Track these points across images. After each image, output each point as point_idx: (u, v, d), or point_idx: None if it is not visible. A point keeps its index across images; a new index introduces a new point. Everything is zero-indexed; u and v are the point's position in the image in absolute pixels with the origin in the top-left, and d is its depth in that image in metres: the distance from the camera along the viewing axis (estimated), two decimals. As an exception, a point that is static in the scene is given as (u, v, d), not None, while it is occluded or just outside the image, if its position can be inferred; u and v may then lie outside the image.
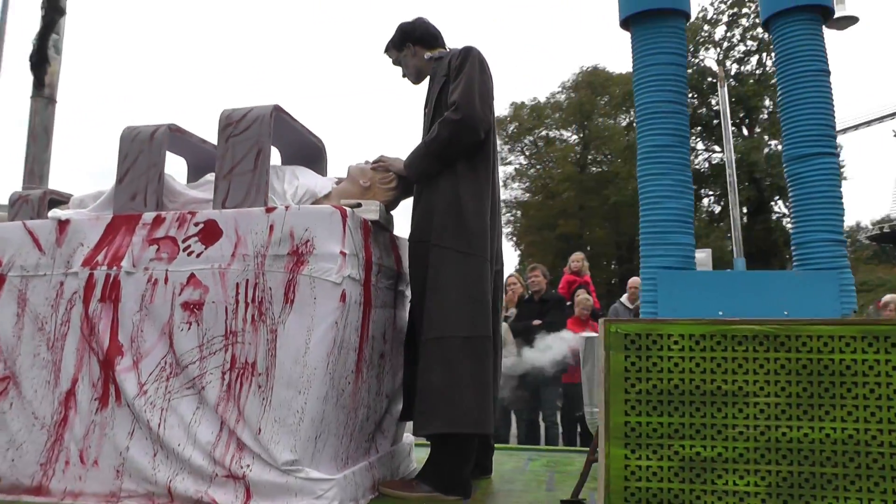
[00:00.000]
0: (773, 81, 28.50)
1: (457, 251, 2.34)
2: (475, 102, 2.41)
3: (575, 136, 29.22)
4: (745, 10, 28.50)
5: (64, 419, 2.26)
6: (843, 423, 1.35)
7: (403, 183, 2.59)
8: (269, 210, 2.21)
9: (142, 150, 2.46)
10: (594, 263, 28.99)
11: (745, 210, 27.65)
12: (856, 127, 28.04)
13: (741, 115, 28.29)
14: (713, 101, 28.49)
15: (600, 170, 28.50)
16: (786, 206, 27.42)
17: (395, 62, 2.86)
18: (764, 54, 28.60)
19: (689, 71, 28.99)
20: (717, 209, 29.18)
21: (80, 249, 2.35)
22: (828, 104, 1.65)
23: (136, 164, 2.45)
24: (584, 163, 28.59)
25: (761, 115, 28.37)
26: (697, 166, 28.82)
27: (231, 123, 2.37)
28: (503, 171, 29.15)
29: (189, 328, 2.19)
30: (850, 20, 12.86)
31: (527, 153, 29.59)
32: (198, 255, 2.23)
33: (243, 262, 2.18)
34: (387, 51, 2.87)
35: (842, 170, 27.69)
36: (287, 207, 2.21)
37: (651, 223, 1.66)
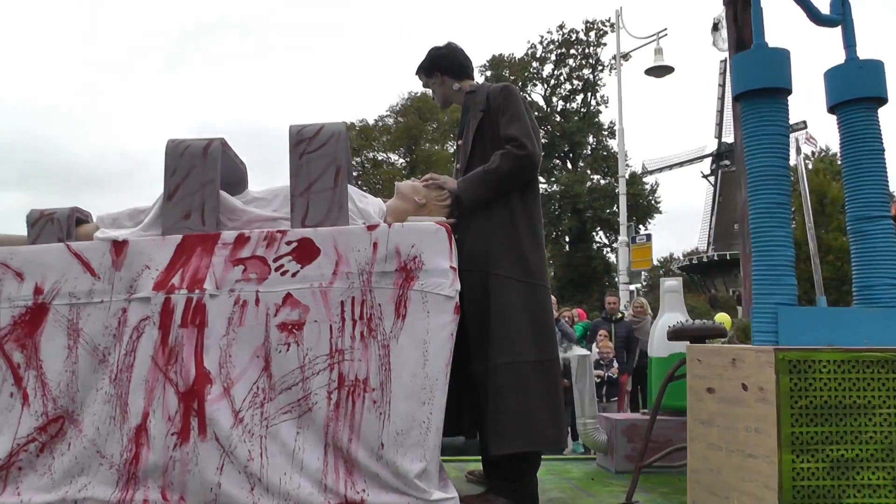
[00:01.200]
0: (597, 119, 31.75)
1: (517, 280, 2.54)
2: (534, 140, 2.66)
3: (402, 160, 30.12)
4: (572, 52, 31.51)
5: (136, 457, 2.09)
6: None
7: (454, 202, 2.74)
8: (371, 228, 2.25)
9: (194, 165, 2.35)
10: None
11: (567, 239, 30.36)
12: (671, 167, 32.10)
13: (566, 149, 31.14)
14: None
15: (427, 194, 29.73)
16: (606, 237, 30.54)
17: (425, 86, 3.03)
18: (589, 94, 31.82)
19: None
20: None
21: (146, 273, 2.20)
22: (884, 177, 2.16)
23: (188, 180, 2.34)
24: (412, 186, 29.72)
25: (585, 151, 31.40)
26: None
27: (304, 140, 2.36)
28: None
29: (288, 349, 2.15)
30: (667, 69, 14.82)
31: (353, 174, 30.02)
32: (293, 275, 2.20)
33: (347, 280, 2.19)
34: (417, 73, 3.02)
35: (658, 205, 31.63)
36: (390, 225, 2.27)
37: (768, 267, 2.04)
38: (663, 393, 2.80)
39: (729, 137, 31.51)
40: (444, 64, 2.93)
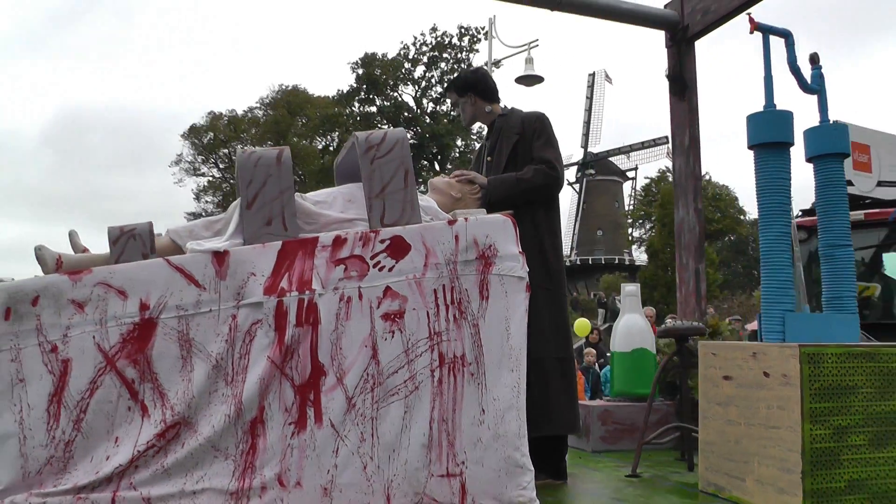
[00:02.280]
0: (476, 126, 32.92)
1: (540, 287, 2.99)
2: (562, 166, 3.14)
3: (271, 154, 29.51)
4: (445, 55, 32.37)
5: (252, 448, 2.27)
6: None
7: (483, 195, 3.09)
8: (451, 223, 2.55)
9: (269, 174, 2.49)
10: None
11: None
12: None
13: (434, 151, 31.94)
14: (408, 135, 31.76)
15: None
16: None
17: (453, 104, 3.40)
18: (461, 98, 32.86)
19: (388, 104, 31.78)
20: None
21: (252, 279, 2.34)
22: (847, 214, 2.85)
23: (265, 189, 2.46)
24: (280, 181, 29.13)
25: (453, 153, 32.36)
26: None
27: (372, 146, 2.59)
28: (196, 182, 27.78)
29: (393, 336, 2.39)
30: (537, 79, 15.58)
31: (220, 166, 28.80)
32: (390, 269, 2.44)
33: (436, 270, 2.46)
34: (447, 92, 3.40)
35: None
36: (466, 219, 2.59)
37: (777, 281, 2.64)
38: (657, 383, 3.38)
39: (594, 148, 34.14)
40: (478, 87, 3.32)
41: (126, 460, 2.15)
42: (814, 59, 2.92)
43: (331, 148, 30.67)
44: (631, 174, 36.99)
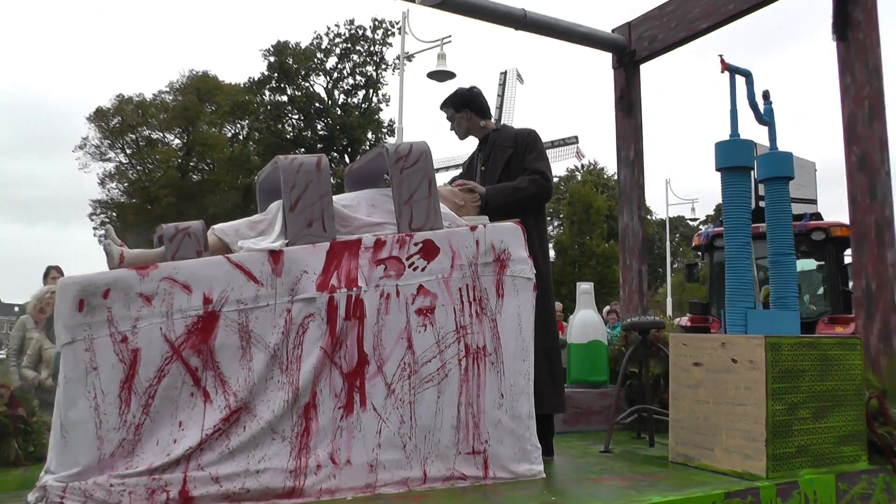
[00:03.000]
0: (377, 116, 32.68)
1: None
2: (552, 175, 3.54)
3: (178, 141, 28.42)
4: (358, 47, 32.13)
5: (306, 430, 2.50)
6: (832, 381, 3.05)
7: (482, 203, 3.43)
8: (473, 229, 2.88)
9: (311, 179, 2.71)
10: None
11: (339, 235, 30.99)
12: (447, 168, 34.07)
13: (344, 143, 31.71)
14: (318, 126, 31.34)
15: (201, 178, 28.36)
16: None
17: (449, 118, 3.71)
18: (371, 90, 32.68)
19: (299, 94, 31.31)
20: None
21: (305, 277, 2.55)
22: (791, 228, 3.40)
23: (307, 193, 2.68)
24: (186, 169, 28.03)
25: (364, 147, 32.19)
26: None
27: (401, 158, 2.88)
28: (102, 167, 26.36)
29: (425, 329, 2.69)
30: (449, 75, 15.32)
31: (128, 151, 27.43)
32: (422, 270, 2.74)
33: (461, 271, 2.78)
34: (444, 107, 3.69)
35: None
36: (485, 226, 2.92)
37: (739, 283, 3.14)
38: (625, 371, 3.84)
39: None
40: (474, 105, 3.65)
41: (195, 443, 2.32)
42: (766, 95, 3.45)
43: (240, 136, 29.94)
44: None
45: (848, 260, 6.79)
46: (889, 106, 3.54)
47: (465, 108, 3.65)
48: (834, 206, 6.96)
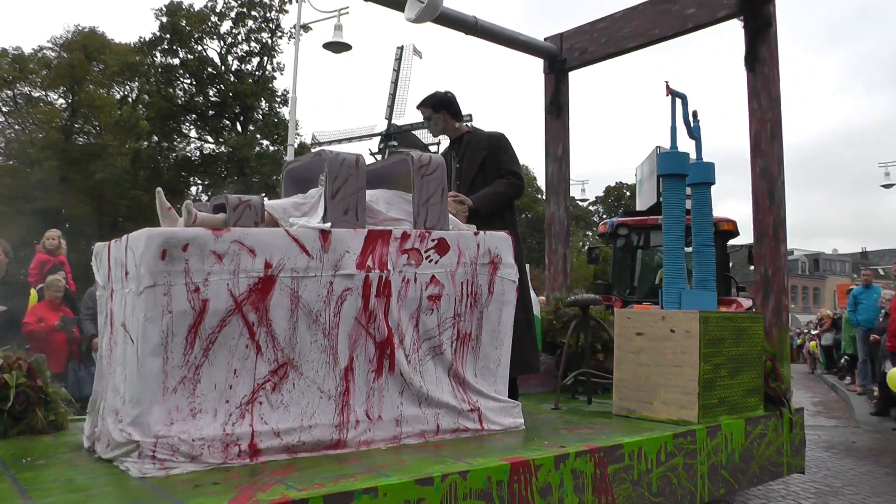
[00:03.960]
0: (271, 85, 31.53)
1: None
2: (522, 173, 4.00)
3: (62, 101, 26.18)
4: (253, 13, 30.73)
5: (346, 390, 2.82)
6: (742, 347, 3.75)
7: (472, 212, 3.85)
8: (476, 233, 3.31)
9: (350, 174, 3.03)
10: (72, 243, 26.55)
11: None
12: (340, 141, 33.58)
13: (237, 111, 30.44)
14: (210, 92, 29.89)
15: (87, 142, 26.41)
16: None
17: (426, 117, 4.06)
18: (265, 58, 31.41)
19: (191, 57, 29.67)
20: (205, 198, 30.70)
21: (346, 256, 2.85)
22: (711, 225, 4.06)
23: (346, 185, 3.00)
24: (71, 131, 25.94)
25: (256, 115, 31.03)
26: (189, 154, 29.77)
27: (423, 166, 3.25)
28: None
29: (432, 312, 3.09)
30: (345, 46, 15.52)
31: (4, 109, 24.89)
32: (435, 262, 3.12)
33: (464, 268, 3.20)
34: (422, 106, 4.04)
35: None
36: (485, 232, 3.35)
37: (675, 269, 3.76)
38: (569, 340, 4.40)
39: (398, 120, 34.58)
40: (451, 108, 4.02)
41: (249, 391, 2.55)
42: (694, 114, 4.08)
43: (129, 99, 28.04)
44: (433, 148, 38.06)
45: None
46: (784, 128, 4.28)
47: (443, 110, 4.01)
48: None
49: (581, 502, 2.73)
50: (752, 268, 8.46)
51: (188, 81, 30.10)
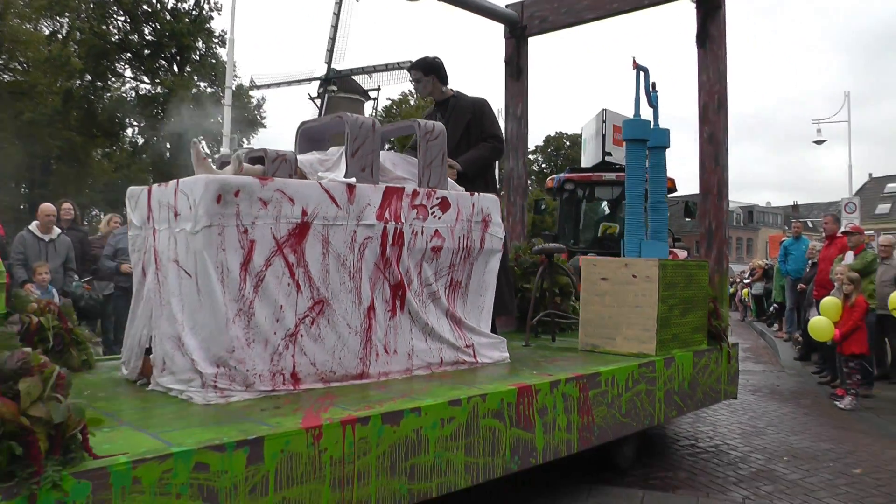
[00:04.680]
0: (208, 25, 29.87)
1: None
2: (503, 135, 4.30)
3: (-17, 33, 24.11)
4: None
5: (369, 326, 3.11)
6: (691, 291, 4.24)
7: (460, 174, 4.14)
8: (472, 194, 3.60)
9: (367, 136, 3.22)
10: (1, 184, 24.92)
11: (168, 145, 28.61)
12: (279, 84, 32.44)
13: (173, 51, 28.83)
14: (146, 31, 28.13)
15: (14, 79, 24.56)
16: (209, 147, 29.80)
17: (416, 79, 4.27)
18: (203, -1, 29.54)
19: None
20: (141, 140, 29.28)
21: (368, 208, 3.08)
22: (666, 183, 4.48)
23: (364, 145, 3.20)
24: (-6, 66, 24.05)
25: (193, 56, 29.42)
26: (124, 95, 28.12)
27: (428, 132, 3.48)
28: None
29: (433, 262, 3.37)
30: None
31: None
32: (439, 218, 3.40)
33: (462, 224, 3.49)
34: (413, 69, 4.24)
35: (263, 120, 31.77)
36: (479, 194, 3.64)
37: (636, 222, 4.17)
38: (538, 284, 4.79)
39: (338, 64, 33.57)
40: (439, 72, 4.24)
41: (293, 325, 2.80)
42: (653, 86, 4.43)
43: (59, 35, 26.06)
44: (373, 94, 36.98)
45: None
46: (729, 101, 4.71)
47: (432, 73, 4.23)
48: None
49: (569, 421, 3.15)
50: (686, 220, 9.06)
51: (122, 19, 28.23)
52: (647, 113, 4.32)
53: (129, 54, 28.11)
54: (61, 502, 1.59)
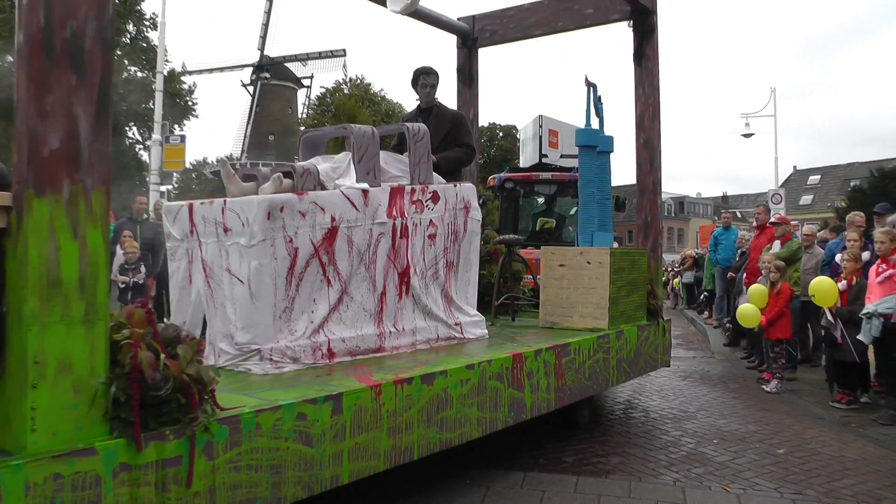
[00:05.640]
0: (139, 7, 28.40)
1: None
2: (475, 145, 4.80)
3: None
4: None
5: (381, 310, 3.53)
6: (634, 274, 4.89)
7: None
8: (455, 185, 4.06)
9: (369, 143, 3.65)
10: None
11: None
12: (211, 70, 31.18)
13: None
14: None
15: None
16: (140, 134, 28.49)
17: (432, 85, 4.67)
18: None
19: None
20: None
21: (379, 208, 3.50)
22: (610, 184, 5.11)
23: (367, 152, 3.64)
24: None
25: (123, 39, 27.93)
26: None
27: (415, 135, 3.94)
28: None
29: (431, 248, 3.84)
30: None
31: None
32: (431, 210, 3.85)
33: (449, 212, 3.96)
34: (432, 75, 4.64)
35: (195, 106, 30.61)
36: (460, 184, 4.11)
37: (588, 216, 4.78)
38: (500, 272, 5.32)
39: (270, 51, 32.43)
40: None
41: (326, 312, 3.23)
42: (599, 99, 5.04)
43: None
44: (306, 82, 35.89)
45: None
46: (663, 111, 5.39)
47: (437, 83, 4.66)
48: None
49: (548, 383, 3.69)
50: (616, 212, 9.81)
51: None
52: (594, 121, 4.92)
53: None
54: (209, 441, 1.96)
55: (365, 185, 3.50)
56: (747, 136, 21.73)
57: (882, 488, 3.45)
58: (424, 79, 4.65)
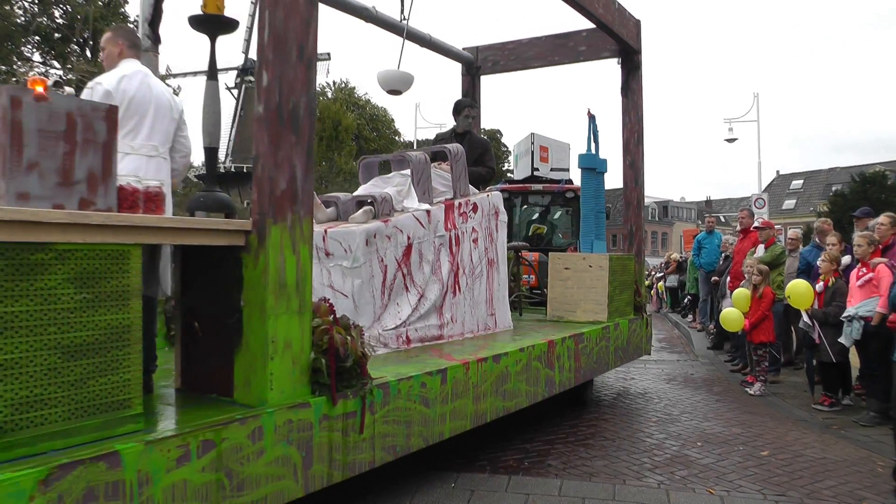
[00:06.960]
0: (122, 9, 27.84)
1: None
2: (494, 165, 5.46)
3: None
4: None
5: (442, 305, 4.16)
6: (625, 276, 5.61)
7: None
8: (488, 194, 4.71)
9: (424, 167, 4.32)
10: None
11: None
12: (195, 73, 30.76)
13: (85, 36, 26.69)
14: (56, 14, 25.89)
15: None
16: None
17: (473, 116, 5.31)
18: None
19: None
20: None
21: (439, 224, 4.17)
22: (604, 200, 5.82)
23: (423, 174, 4.30)
24: None
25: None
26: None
27: (455, 154, 4.60)
28: None
29: (475, 250, 4.51)
30: None
31: None
32: (473, 218, 4.52)
33: (485, 219, 4.65)
34: (475, 108, 5.24)
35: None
36: (490, 192, 4.76)
37: (588, 228, 5.49)
38: (509, 274, 5.98)
39: (254, 55, 31.89)
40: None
41: (407, 314, 3.85)
42: (596, 126, 5.74)
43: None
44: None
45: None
46: (646, 137, 6.16)
47: (478, 116, 5.28)
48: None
49: (570, 364, 4.38)
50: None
51: (30, 2, 25.85)
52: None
53: (37, 38, 25.76)
54: (373, 401, 2.56)
55: (427, 206, 4.11)
56: (731, 140, 21.04)
57: (863, 489, 3.44)
58: (469, 111, 5.32)
